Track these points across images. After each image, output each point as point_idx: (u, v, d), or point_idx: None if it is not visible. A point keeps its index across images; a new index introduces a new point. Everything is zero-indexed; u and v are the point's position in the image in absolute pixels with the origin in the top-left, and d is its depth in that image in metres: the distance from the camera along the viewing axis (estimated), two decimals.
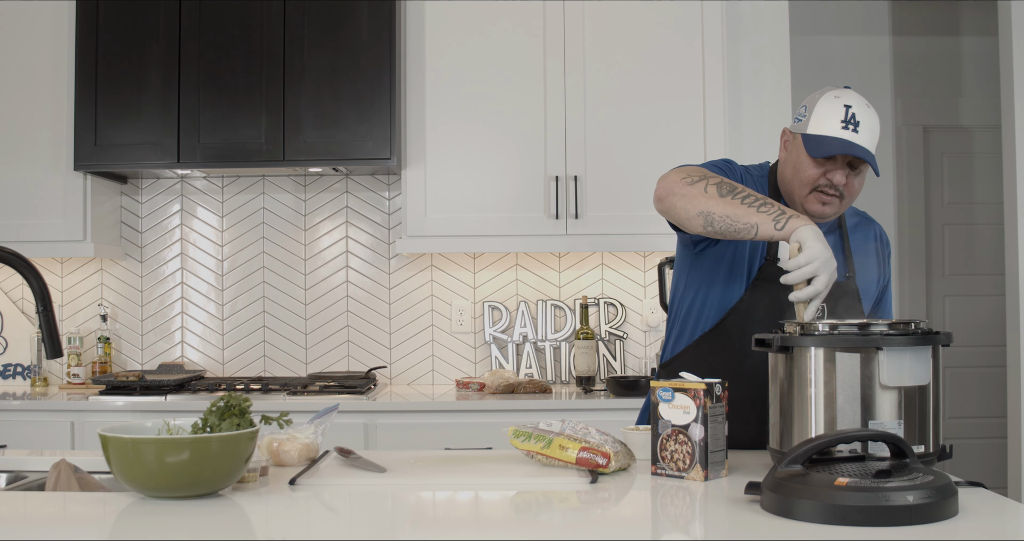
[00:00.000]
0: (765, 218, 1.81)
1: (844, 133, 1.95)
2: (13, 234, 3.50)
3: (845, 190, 2.01)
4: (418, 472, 1.75)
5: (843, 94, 2.00)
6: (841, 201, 2.03)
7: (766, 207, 1.83)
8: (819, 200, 2.01)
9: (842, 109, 1.96)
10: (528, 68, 3.50)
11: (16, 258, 1.81)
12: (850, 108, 1.96)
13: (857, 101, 1.98)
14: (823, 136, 1.97)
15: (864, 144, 1.96)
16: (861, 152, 1.95)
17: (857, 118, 1.95)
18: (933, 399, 1.67)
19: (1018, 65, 3.81)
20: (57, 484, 1.70)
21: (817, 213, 2.04)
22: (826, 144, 1.96)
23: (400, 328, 3.82)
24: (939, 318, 4.80)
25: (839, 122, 1.95)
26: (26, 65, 3.54)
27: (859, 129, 1.95)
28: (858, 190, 2.05)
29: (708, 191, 1.88)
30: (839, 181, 1.99)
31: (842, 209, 2.06)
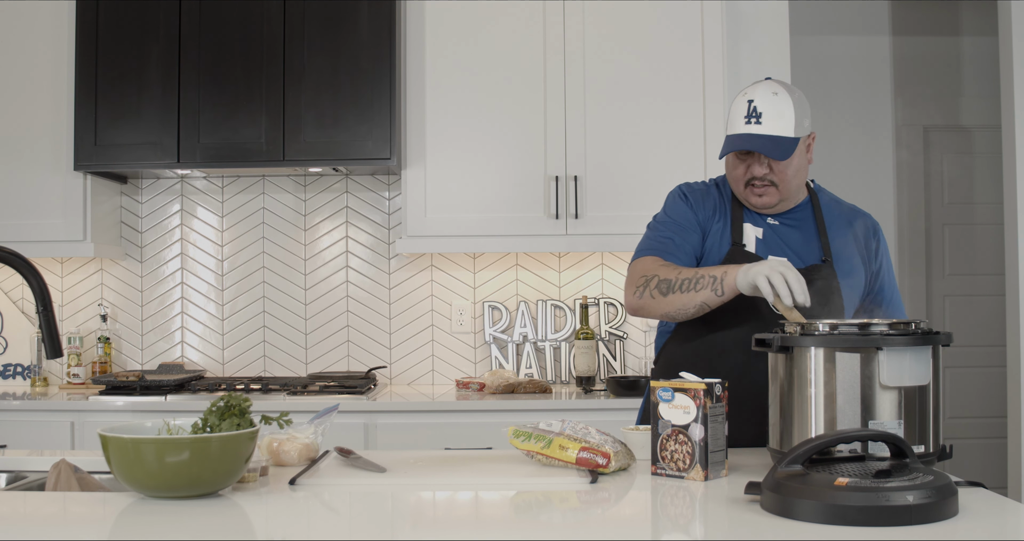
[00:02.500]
0: (706, 293, 1.99)
1: (747, 127, 2.05)
2: (13, 234, 3.50)
3: (775, 177, 2.09)
4: (418, 472, 1.75)
5: (752, 89, 2.09)
6: (777, 188, 2.10)
7: (701, 282, 1.99)
8: (754, 193, 2.13)
9: (745, 105, 2.06)
10: (528, 68, 3.50)
11: (16, 258, 1.81)
12: (752, 102, 2.05)
13: (763, 92, 2.06)
14: (729, 136, 2.09)
15: (770, 132, 2.03)
16: (752, 145, 2.03)
17: (759, 110, 2.04)
18: (933, 399, 1.67)
19: (1018, 65, 3.81)
20: (57, 484, 1.70)
21: (758, 204, 2.14)
22: (727, 144, 2.08)
23: (400, 328, 3.82)
24: (939, 318, 4.80)
25: (743, 118, 2.06)
26: (26, 65, 3.54)
27: (762, 120, 2.04)
28: (790, 176, 2.10)
29: (655, 296, 2.06)
30: (759, 173, 2.09)
31: (786, 194, 2.13)
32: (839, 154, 4.77)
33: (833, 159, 4.77)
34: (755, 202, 2.14)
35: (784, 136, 2.05)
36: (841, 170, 4.76)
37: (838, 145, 4.77)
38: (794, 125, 2.06)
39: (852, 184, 4.77)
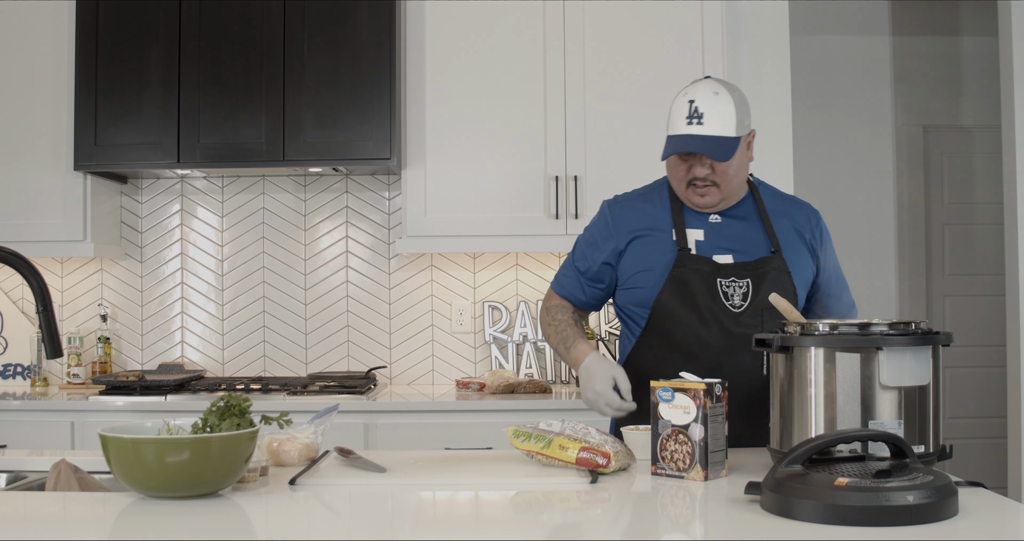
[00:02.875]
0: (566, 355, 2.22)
1: (689, 128, 2.05)
2: (13, 234, 3.50)
3: (716, 178, 2.10)
4: (418, 472, 1.75)
5: (691, 89, 2.09)
6: (719, 188, 2.12)
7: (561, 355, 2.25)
8: (696, 193, 2.14)
9: (686, 105, 2.07)
10: (528, 68, 3.50)
11: (16, 258, 1.81)
12: (693, 102, 2.06)
13: (703, 91, 2.07)
14: (670, 136, 2.09)
15: (712, 133, 2.04)
16: (694, 146, 2.04)
17: (700, 110, 2.04)
18: (933, 399, 1.67)
19: (1018, 65, 3.81)
20: (57, 484, 1.70)
21: (700, 204, 2.16)
22: (668, 145, 2.09)
23: (400, 328, 3.82)
24: (939, 318, 4.80)
25: (684, 119, 2.06)
26: (26, 65, 3.54)
27: (703, 120, 2.04)
28: (731, 173, 2.11)
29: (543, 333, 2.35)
30: (701, 173, 2.10)
31: (728, 193, 2.14)
32: (839, 154, 4.77)
33: (833, 159, 4.77)
34: (697, 202, 2.15)
35: (726, 136, 2.05)
36: (841, 170, 4.77)
37: (838, 145, 4.78)
38: (735, 124, 2.06)
39: (852, 184, 4.77)
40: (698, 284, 2.09)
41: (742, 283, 2.10)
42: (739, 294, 2.10)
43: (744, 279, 2.10)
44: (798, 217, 2.24)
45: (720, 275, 2.10)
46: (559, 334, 2.25)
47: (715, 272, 2.10)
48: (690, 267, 2.11)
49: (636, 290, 2.17)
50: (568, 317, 2.27)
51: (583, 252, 2.28)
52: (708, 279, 2.10)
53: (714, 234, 2.16)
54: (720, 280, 2.10)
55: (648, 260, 2.16)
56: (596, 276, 2.24)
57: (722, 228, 2.17)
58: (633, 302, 2.20)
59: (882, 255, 4.76)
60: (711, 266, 2.11)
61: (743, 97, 2.12)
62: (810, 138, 4.72)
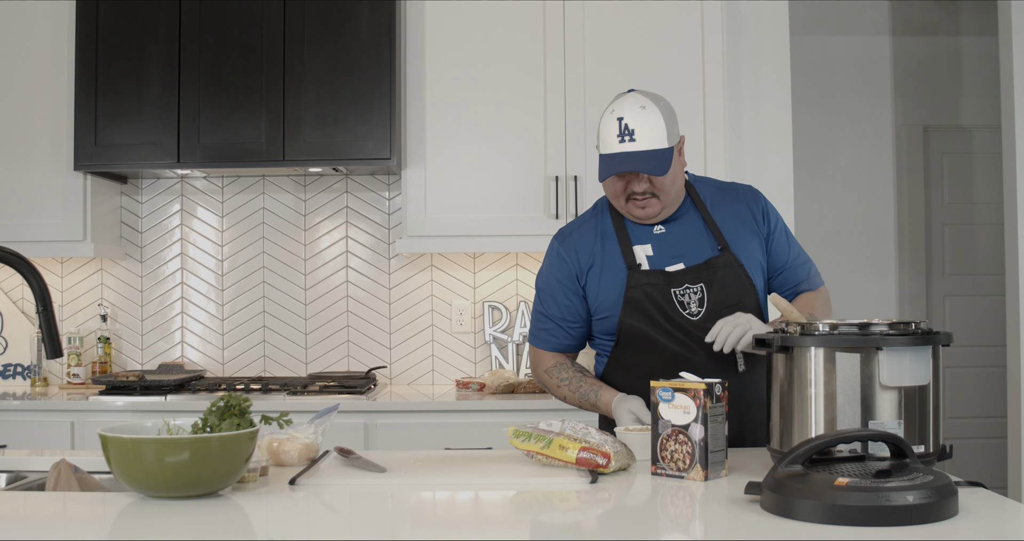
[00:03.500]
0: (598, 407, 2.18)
1: (622, 146, 2.03)
2: (13, 234, 3.50)
3: (654, 190, 2.09)
4: (418, 472, 1.75)
5: (618, 105, 2.07)
6: (659, 199, 2.11)
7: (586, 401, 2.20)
8: (636, 206, 2.12)
9: (615, 123, 2.05)
10: (528, 68, 3.50)
11: (16, 258, 1.81)
12: (622, 120, 2.04)
13: (630, 107, 2.05)
14: (604, 156, 2.07)
15: (645, 148, 2.02)
16: (632, 165, 2.03)
17: (631, 127, 2.03)
18: (933, 399, 1.67)
19: (1018, 65, 3.81)
20: (57, 484, 1.70)
21: (641, 216, 2.14)
22: (604, 166, 2.07)
23: (400, 328, 3.82)
24: (939, 318, 4.80)
25: (615, 137, 2.04)
26: (26, 65, 3.54)
27: (635, 137, 2.03)
28: (669, 184, 2.10)
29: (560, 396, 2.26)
30: (640, 188, 2.09)
31: (668, 202, 2.13)
32: (839, 154, 4.77)
33: (833, 159, 4.77)
34: (639, 214, 2.13)
35: (659, 149, 2.04)
36: (841, 170, 4.77)
37: (838, 145, 4.78)
38: (666, 136, 2.05)
39: (852, 184, 4.77)
40: (655, 298, 2.09)
41: (696, 288, 2.10)
42: (695, 301, 2.10)
43: (697, 284, 2.10)
44: (738, 204, 2.22)
45: (673, 285, 2.10)
46: (576, 393, 2.21)
47: (668, 283, 2.10)
48: (642, 283, 2.10)
49: (602, 320, 2.18)
50: (572, 373, 2.23)
51: (550, 298, 2.23)
52: (663, 291, 2.10)
53: (662, 245, 2.16)
54: (674, 290, 2.10)
55: (605, 286, 2.16)
56: (573, 316, 2.21)
57: (669, 237, 2.16)
58: (601, 331, 2.21)
59: (882, 255, 4.76)
60: (663, 278, 2.11)
61: (669, 106, 2.11)
62: (810, 138, 4.72)
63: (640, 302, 2.10)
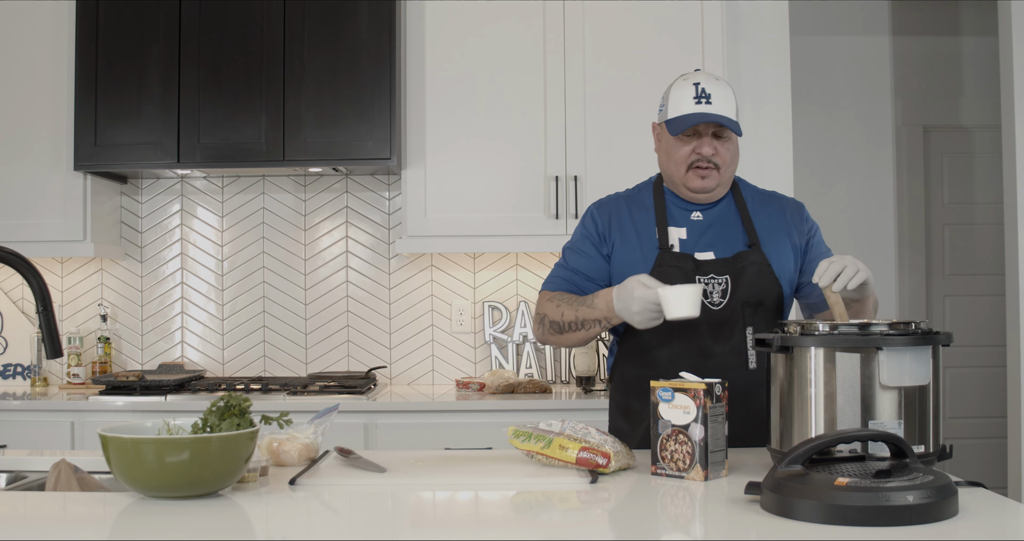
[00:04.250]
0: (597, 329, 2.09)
1: (699, 107, 2.09)
2: (13, 234, 3.50)
3: (718, 160, 2.13)
4: (418, 472, 1.75)
5: (692, 75, 2.15)
6: (719, 172, 2.15)
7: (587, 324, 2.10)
8: (697, 175, 2.15)
9: (692, 87, 2.11)
10: (528, 68, 3.50)
11: (16, 258, 1.81)
12: (699, 84, 2.11)
13: (705, 78, 2.13)
14: (677, 117, 2.11)
15: (719, 112, 2.08)
16: (716, 118, 2.08)
17: (708, 91, 2.09)
18: (933, 399, 1.67)
19: (1018, 65, 3.81)
20: (57, 484, 1.70)
21: (699, 187, 2.16)
22: (684, 120, 2.10)
23: (400, 328, 3.82)
24: (939, 318, 4.80)
25: (692, 99, 2.10)
26: (26, 65, 3.54)
27: (712, 100, 2.09)
28: (731, 159, 2.15)
29: (553, 334, 2.18)
30: (708, 152, 2.12)
31: (724, 179, 2.17)
32: (839, 154, 4.77)
33: (833, 159, 4.77)
34: (697, 185, 2.15)
35: (733, 118, 2.11)
36: (841, 170, 4.77)
37: (838, 145, 4.78)
38: (735, 111, 2.13)
39: (852, 184, 4.77)
40: (680, 281, 2.10)
41: (721, 280, 2.12)
42: (718, 291, 2.12)
43: (723, 276, 2.12)
44: (782, 213, 2.25)
45: (700, 272, 2.12)
46: (571, 305, 2.14)
47: (695, 269, 2.12)
48: (671, 265, 2.12)
49: None
50: (572, 295, 2.19)
51: (575, 252, 2.25)
52: (688, 276, 2.11)
53: (697, 231, 2.18)
54: (700, 277, 2.12)
55: (632, 261, 2.18)
56: (594, 272, 2.21)
57: (704, 225, 2.19)
58: None
59: (882, 255, 4.76)
60: (691, 263, 2.13)
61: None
62: (810, 138, 4.72)
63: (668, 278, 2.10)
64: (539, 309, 2.24)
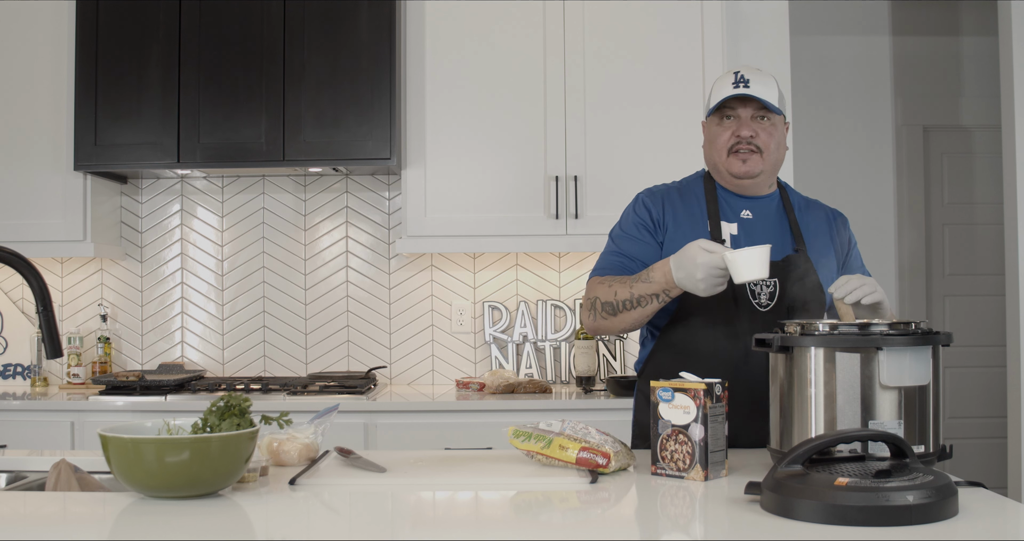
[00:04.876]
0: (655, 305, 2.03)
1: (736, 90, 2.10)
2: (13, 234, 3.50)
3: (759, 142, 2.13)
4: (418, 472, 1.75)
5: (733, 68, 2.20)
6: (761, 156, 2.14)
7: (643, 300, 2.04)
8: (739, 159, 2.15)
9: (731, 75, 2.13)
10: (528, 68, 3.50)
11: (16, 258, 1.81)
12: (739, 72, 2.13)
13: (747, 68, 2.15)
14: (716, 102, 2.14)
15: (760, 94, 2.09)
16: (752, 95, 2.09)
17: (746, 77, 2.11)
18: (933, 399, 1.67)
19: (1018, 65, 3.81)
20: (57, 484, 1.70)
21: (740, 172, 2.15)
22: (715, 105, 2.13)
23: (400, 328, 3.82)
24: (939, 318, 4.80)
25: (731, 85, 2.12)
26: (26, 65, 3.54)
27: (750, 84, 2.10)
28: (773, 144, 2.15)
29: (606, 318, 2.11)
30: (747, 133, 2.13)
31: (768, 165, 2.16)
32: (839, 154, 4.77)
33: (833, 159, 4.77)
34: (739, 169, 2.14)
35: (773, 102, 2.12)
36: (841, 170, 4.77)
37: (838, 145, 4.78)
38: (777, 96, 2.13)
39: (852, 184, 4.77)
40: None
41: (769, 282, 2.10)
42: (766, 293, 2.10)
43: (772, 278, 2.10)
44: (828, 221, 2.26)
45: None
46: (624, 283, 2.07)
47: None
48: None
49: None
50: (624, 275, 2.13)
51: (626, 239, 2.19)
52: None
53: (747, 230, 2.17)
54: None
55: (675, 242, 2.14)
56: (647, 258, 2.15)
57: (754, 224, 2.18)
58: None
59: (882, 255, 4.76)
60: None
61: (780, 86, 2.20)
62: (810, 138, 4.72)
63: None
64: (589, 294, 2.17)
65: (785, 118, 2.20)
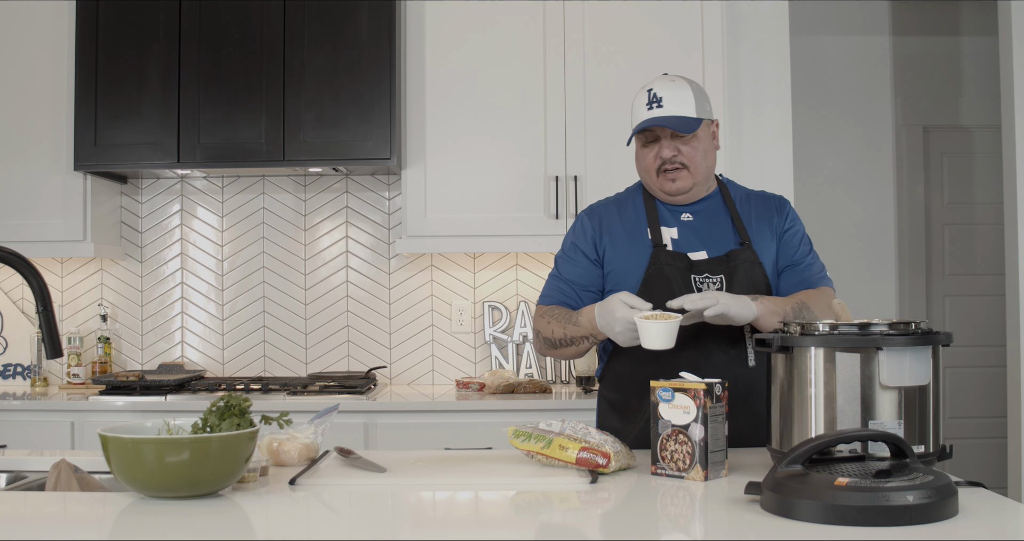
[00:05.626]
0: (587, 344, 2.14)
1: (650, 113, 2.13)
2: (13, 234, 3.50)
3: (682, 160, 2.16)
4: (418, 472, 1.75)
5: (649, 82, 2.19)
6: (689, 171, 2.17)
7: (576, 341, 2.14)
8: (667, 179, 2.18)
9: (645, 94, 2.16)
10: (528, 68, 3.50)
11: (16, 258, 1.81)
12: (652, 90, 2.15)
13: (660, 81, 2.17)
14: (636, 124, 2.17)
15: (672, 113, 2.11)
16: (660, 120, 2.11)
17: (659, 95, 2.13)
18: (933, 399, 1.67)
19: (1018, 65, 3.81)
20: (57, 484, 1.70)
21: (671, 190, 2.19)
22: (637, 128, 2.16)
23: (400, 328, 3.82)
24: (939, 318, 4.80)
25: (644, 106, 2.15)
26: (26, 65, 3.54)
27: (663, 104, 2.13)
28: (699, 156, 2.17)
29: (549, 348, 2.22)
30: (668, 155, 2.15)
31: (698, 178, 2.18)
32: (839, 154, 4.77)
33: (833, 159, 4.77)
34: (669, 188, 2.18)
35: (686, 116, 2.12)
36: (841, 170, 4.77)
37: (838, 145, 4.78)
38: (695, 107, 2.14)
39: (852, 184, 4.77)
40: (675, 280, 2.12)
41: (716, 279, 2.13)
42: (713, 290, 2.12)
43: (717, 275, 2.13)
44: (766, 208, 2.27)
45: (694, 271, 2.13)
46: (560, 322, 2.17)
47: (689, 268, 2.13)
48: (666, 263, 2.14)
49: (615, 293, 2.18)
50: (563, 310, 2.22)
51: (568, 261, 2.27)
52: (683, 275, 2.13)
53: (688, 232, 2.20)
54: (694, 276, 2.13)
55: (626, 262, 2.19)
56: (587, 280, 2.23)
57: (694, 225, 2.21)
58: None
59: (882, 255, 4.77)
60: (685, 262, 2.14)
61: (700, 87, 2.19)
62: (810, 138, 4.72)
63: (659, 281, 2.12)
64: (534, 324, 2.29)
65: (712, 119, 2.21)
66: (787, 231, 2.25)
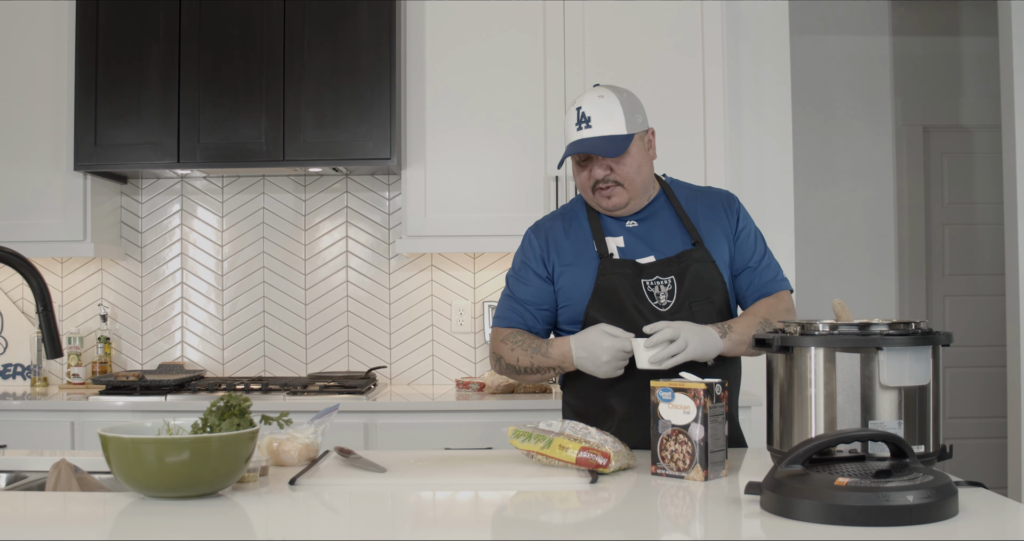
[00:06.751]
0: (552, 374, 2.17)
1: (580, 133, 2.12)
2: (13, 234, 3.50)
3: (616, 177, 2.14)
4: (418, 472, 1.75)
5: (579, 98, 2.17)
6: (624, 187, 2.15)
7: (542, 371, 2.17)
8: (603, 196, 2.17)
9: (575, 113, 2.14)
10: (528, 68, 3.50)
11: (16, 258, 1.81)
12: (580, 109, 2.12)
13: (589, 97, 2.14)
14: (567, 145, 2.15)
15: (601, 133, 2.09)
16: (584, 147, 2.10)
17: (588, 114, 2.11)
18: (933, 399, 1.67)
19: (1018, 65, 3.81)
20: (57, 484, 1.70)
21: (608, 207, 2.18)
22: (566, 151, 2.14)
23: (400, 328, 3.82)
24: (939, 318, 4.80)
25: (574, 126, 2.13)
26: (26, 65, 3.54)
27: (591, 123, 2.11)
28: (632, 172, 2.14)
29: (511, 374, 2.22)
30: (600, 175, 2.14)
31: (634, 193, 2.17)
32: (839, 154, 4.78)
33: (833, 159, 4.77)
34: (605, 205, 2.17)
35: (615, 135, 2.10)
36: (841, 170, 4.77)
37: (838, 145, 4.78)
38: (624, 123, 2.11)
39: (852, 184, 4.77)
40: (624, 287, 2.11)
41: (667, 280, 2.12)
42: (664, 292, 2.12)
43: (668, 276, 2.12)
44: (713, 204, 2.24)
45: (644, 276, 2.12)
46: (526, 350, 2.16)
47: (638, 273, 2.12)
48: (614, 272, 2.12)
49: (567, 308, 2.19)
50: (526, 335, 2.21)
51: (519, 281, 2.25)
52: (632, 281, 2.11)
53: (634, 239, 2.18)
54: (644, 281, 2.12)
55: (575, 277, 2.17)
56: (540, 299, 2.22)
57: (640, 231, 2.19)
58: (565, 321, 2.21)
59: (882, 255, 4.77)
60: (634, 268, 2.12)
61: (633, 97, 2.16)
62: (810, 138, 4.72)
63: (609, 291, 2.12)
64: (494, 348, 2.25)
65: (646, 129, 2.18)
66: (741, 231, 2.23)
